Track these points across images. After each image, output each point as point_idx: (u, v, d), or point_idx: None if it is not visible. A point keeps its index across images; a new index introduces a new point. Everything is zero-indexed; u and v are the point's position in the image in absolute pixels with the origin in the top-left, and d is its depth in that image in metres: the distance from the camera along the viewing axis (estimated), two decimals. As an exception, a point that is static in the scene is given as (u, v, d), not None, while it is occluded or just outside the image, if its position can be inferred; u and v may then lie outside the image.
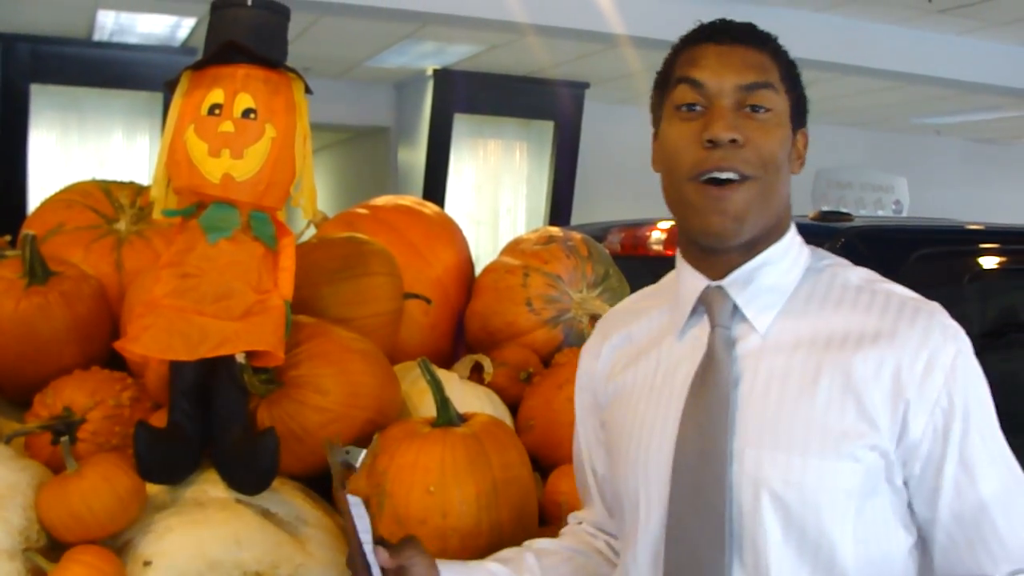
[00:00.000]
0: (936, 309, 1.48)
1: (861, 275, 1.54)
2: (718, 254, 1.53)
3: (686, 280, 1.59)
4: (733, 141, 1.45)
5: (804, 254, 1.58)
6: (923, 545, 1.49)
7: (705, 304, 1.56)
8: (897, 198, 11.38)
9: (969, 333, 2.98)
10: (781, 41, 1.58)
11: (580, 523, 1.88)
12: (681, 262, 1.61)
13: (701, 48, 1.52)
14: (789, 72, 1.53)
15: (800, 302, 1.52)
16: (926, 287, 2.92)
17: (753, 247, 1.53)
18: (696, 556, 1.47)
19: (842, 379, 1.43)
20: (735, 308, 1.53)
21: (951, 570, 1.46)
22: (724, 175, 1.46)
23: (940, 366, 1.42)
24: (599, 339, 1.77)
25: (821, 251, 1.61)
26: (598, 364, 1.74)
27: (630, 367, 1.66)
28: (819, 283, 1.53)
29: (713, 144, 1.46)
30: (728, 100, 1.48)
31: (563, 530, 1.90)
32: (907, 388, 1.41)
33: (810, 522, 1.42)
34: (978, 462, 1.42)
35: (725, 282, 1.54)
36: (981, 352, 2.97)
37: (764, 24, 1.59)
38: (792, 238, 1.57)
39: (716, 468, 1.46)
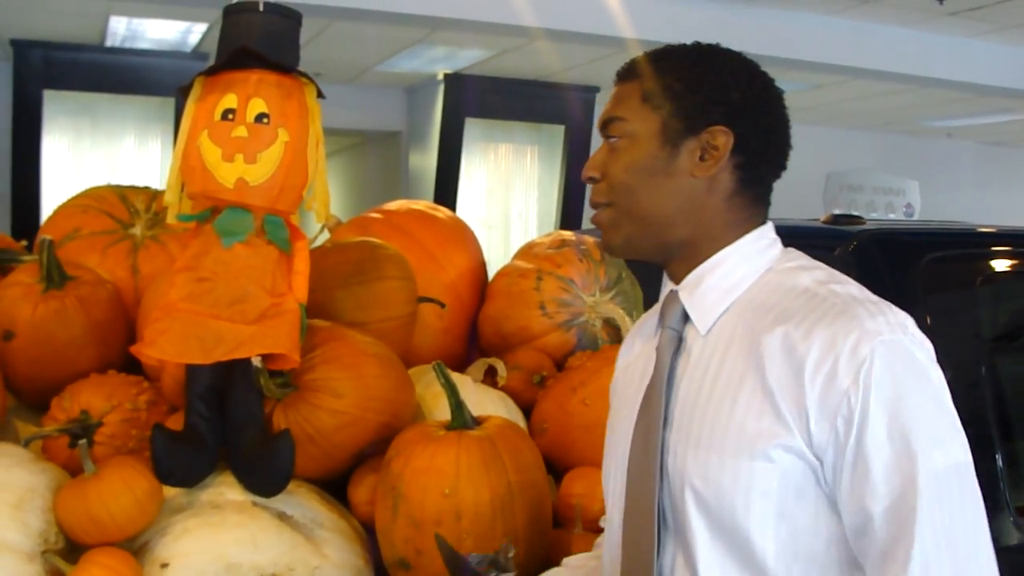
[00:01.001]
0: (864, 313, 1.40)
1: (816, 277, 1.51)
2: (667, 265, 1.63)
3: (663, 287, 1.66)
4: (590, 179, 1.63)
5: (767, 256, 1.58)
6: None
7: (664, 308, 1.63)
8: (908, 201, 11.36)
9: (981, 336, 2.98)
10: (791, 43, 1.58)
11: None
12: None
13: None
14: (658, 89, 1.57)
15: (744, 304, 1.53)
16: (938, 290, 2.93)
17: (693, 254, 1.58)
18: (640, 549, 1.53)
19: (762, 382, 1.43)
20: (685, 311, 1.58)
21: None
22: (594, 210, 1.64)
23: (845, 373, 1.36)
24: (624, 343, 1.83)
25: (794, 253, 1.60)
26: (617, 364, 1.81)
27: (628, 367, 1.73)
28: (768, 285, 1.53)
29: (587, 183, 1.65)
30: (603, 141, 1.65)
31: (599, 540, 1.91)
32: (808, 396, 1.38)
33: (727, 519, 1.44)
34: (868, 477, 1.36)
35: (679, 286, 1.59)
36: (992, 355, 2.97)
37: (772, 27, 1.60)
38: (751, 241, 1.58)
39: (651, 463, 1.52)
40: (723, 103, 1.54)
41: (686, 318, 1.57)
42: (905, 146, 12.40)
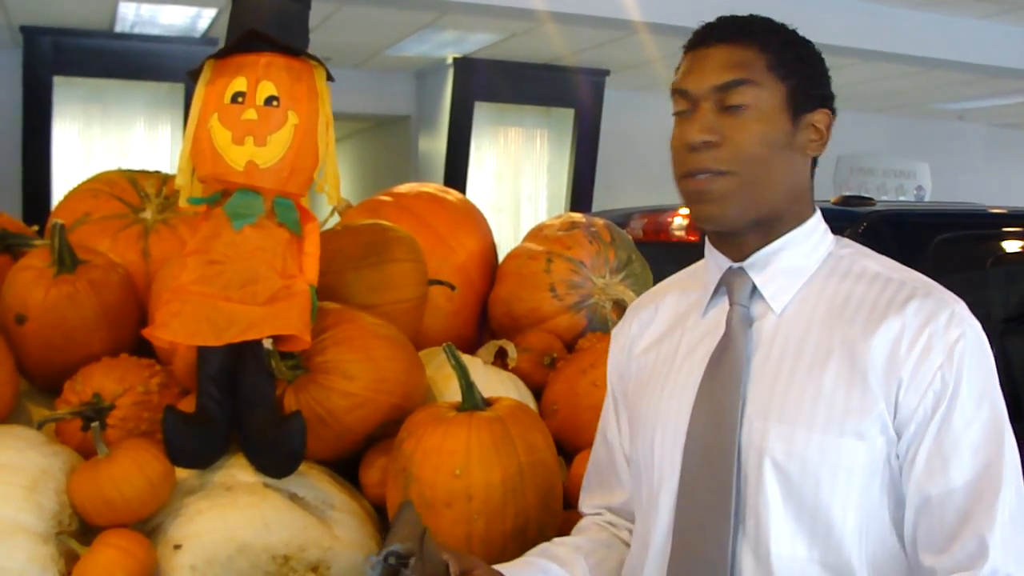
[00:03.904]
0: (950, 298, 1.49)
1: (883, 263, 1.58)
2: (736, 238, 1.61)
3: (711, 262, 1.67)
4: (707, 143, 1.53)
5: (827, 240, 1.62)
6: None
7: (726, 284, 1.63)
8: (919, 184, 11.32)
9: (991, 317, 3.00)
10: (801, 26, 1.59)
11: (599, 513, 1.90)
12: (708, 246, 1.68)
13: (689, 56, 1.60)
14: (784, 60, 1.55)
15: (818, 285, 1.57)
16: (948, 271, 2.93)
17: (770, 231, 1.59)
18: (703, 523, 1.54)
19: (850, 357, 1.47)
20: (754, 288, 1.59)
21: (909, 550, 1.48)
22: (701, 176, 1.54)
23: (939, 349, 1.44)
24: (627, 319, 1.84)
25: (845, 240, 1.65)
26: (626, 341, 1.81)
27: (655, 345, 1.73)
28: (838, 268, 1.58)
29: (692, 147, 1.54)
30: (708, 103, 1.54)
31: (581, 523, 1.92)
32: (903, 366, 1.44)
33: (808, 494, 1.46)
34: (955, 450, 1.42)
35: (746, 263, 1.60)
36: (1004, 335, 2.98)
37: (784, 10, 1.62)
38: (816, 224, 1.62)
39: (726, 438, 1.52)
40: (824, 85, 1.58)
41: (752, 295, 1.59)
42: (916, 128, 12.36)
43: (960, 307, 1.48)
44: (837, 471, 1.45)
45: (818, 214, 1.62)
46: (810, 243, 1.60)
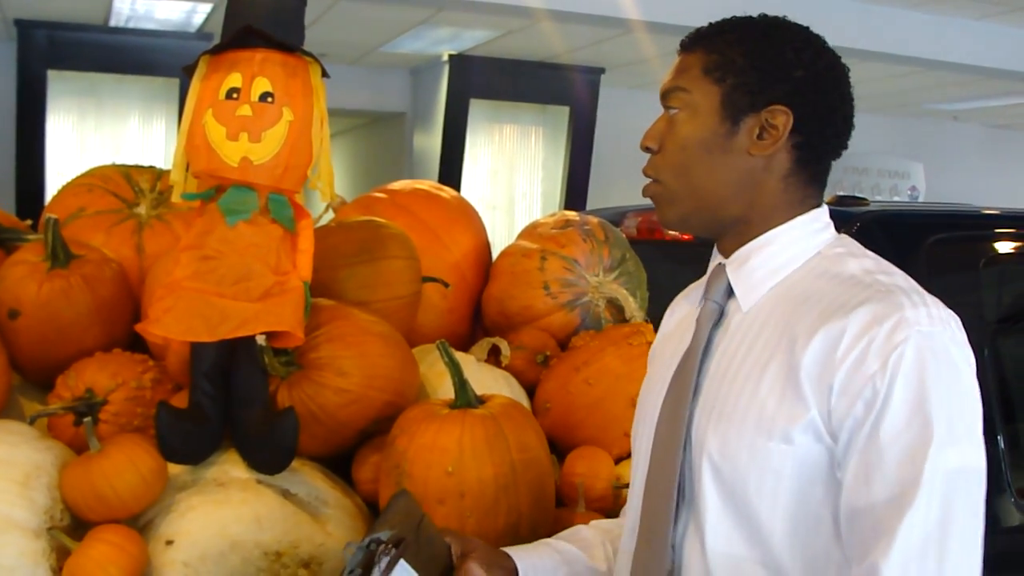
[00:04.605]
0: (909, 303, 1.39)
1: (864, 265, 1.51)
2: (719, 237, 1.62)
3: (712, 259, 1.67)
4: (647, 149, 1.61)
5: (818, 240, 1.57)
6: None
7: (710, 280, 1.63)
8: (913, 184, 11.33)
9: (984, 318, 2.98)
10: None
11: None
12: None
13: None
14: (725, 61, 1.53)
15: (789, 285, 1.53)
16: (941, 272, 2.93)
17: (745, 230, 1.57)
18: (652, 517, 1.56)
19: (789, 362, 1.43)
20: (729, 285, 1.59)
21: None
22: (646, 182, 1.62)
23: (876, 356, 1.36)
24: (668, 309, 1.84)
25: (846, 239, 1.59)
26: (660, 330, 1.83)
27: (666, 336, 1.76)
28: (815, 269, 1.53)
29: (644, 151, 1.63)
30: (664, 111, 1.60)
31: (625, 508, 1.93)
32: (835, 372, 1.38)
33: (739, 494, 1.45)
34: (879, 463, 1.34)
35: (727, 261, 1.60)
36: (996, 336, 2.98)
37: (778, 10, 1.60)
38: (807, 221, 1.57)
39: (676, 433, 1.54)
40: (786, 80, 1.53)
41: (730, 293, 1.58)
42: (910, 129, 12.36)
43: (915, 313, 1.37)
44: (765, 474, 1.42)
45: (812, 214, 1.58)
46: (795, 241, 1.56)
